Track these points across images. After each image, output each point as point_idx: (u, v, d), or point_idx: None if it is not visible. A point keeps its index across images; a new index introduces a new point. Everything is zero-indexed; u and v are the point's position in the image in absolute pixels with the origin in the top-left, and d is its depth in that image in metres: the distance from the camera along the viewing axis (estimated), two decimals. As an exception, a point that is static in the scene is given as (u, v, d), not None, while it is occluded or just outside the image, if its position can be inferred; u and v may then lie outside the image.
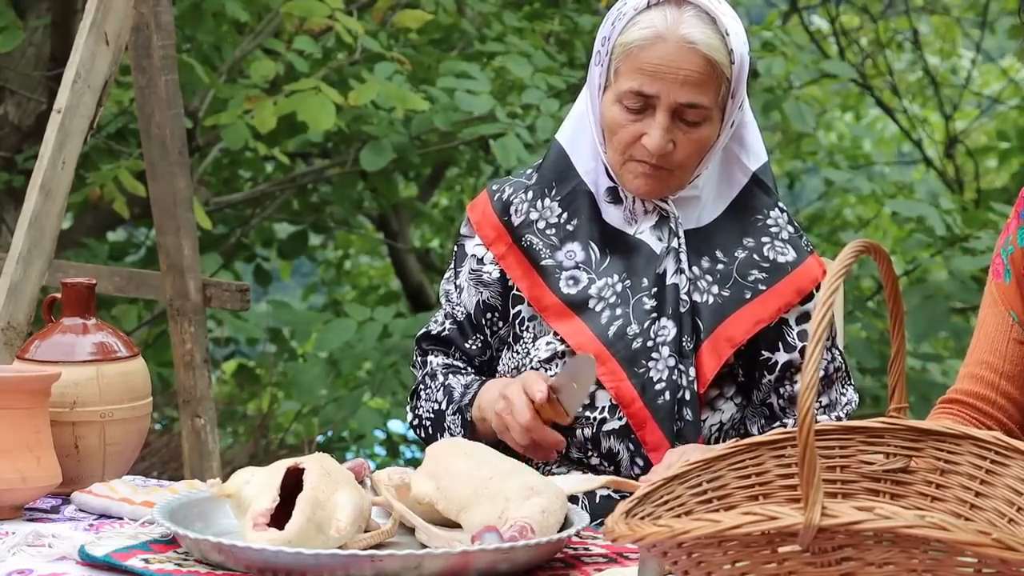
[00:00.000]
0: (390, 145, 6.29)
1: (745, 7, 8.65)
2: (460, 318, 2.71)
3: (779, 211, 2.66)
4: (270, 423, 7.95)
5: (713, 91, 2.53)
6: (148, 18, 4.31)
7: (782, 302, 2.60)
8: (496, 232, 2.67)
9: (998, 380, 2.61)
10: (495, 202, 2.69)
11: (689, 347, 2.56)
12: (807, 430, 1.58)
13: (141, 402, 2.61)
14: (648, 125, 2.53)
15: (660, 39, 2.51)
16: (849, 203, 9.38)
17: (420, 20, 6.15)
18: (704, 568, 1.65)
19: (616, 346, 2.58)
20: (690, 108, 2.53)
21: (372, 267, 10.04)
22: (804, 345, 2.60)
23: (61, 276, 3.50)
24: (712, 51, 2.51)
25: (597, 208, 2.64)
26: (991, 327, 2.63)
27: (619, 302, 2.59)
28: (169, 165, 4.43)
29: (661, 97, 2.52)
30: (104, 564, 2.12)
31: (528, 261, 2.63)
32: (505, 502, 2.20)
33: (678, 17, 2.51)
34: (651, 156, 2.54)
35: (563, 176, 2.66)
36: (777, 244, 2.63)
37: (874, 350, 6.70)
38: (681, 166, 2.57)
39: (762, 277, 2.61)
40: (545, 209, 2.65)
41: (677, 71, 2.51)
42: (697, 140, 2.56)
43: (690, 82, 2.51)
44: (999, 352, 2.62)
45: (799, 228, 2.68)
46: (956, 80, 9.92)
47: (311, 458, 2.20)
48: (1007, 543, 1.52)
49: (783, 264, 2.62)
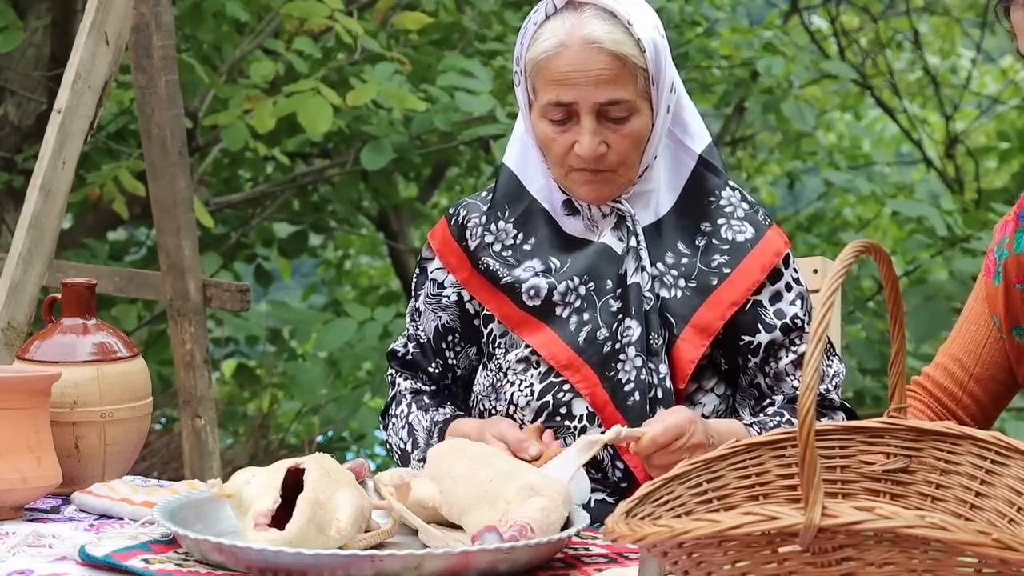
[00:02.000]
0: (390, 145, 6.29)
1: (745, 7, 8.65)
2: (423, 341, 2.73)
3: (731, 190, 2.65)
4: (270, 423, 7.96)
5: (630, 84, 2.52)
6: (148, 18, 4.31)
7: (750, 280, 2.59)
8: (457, 259, 2.68)
9: (967, 380, 2.63)
10: (452, 227, 2.70)
11: (658, 344, 2.55)
12: (807, 430, 1.58)
13: (141, 402, 2.61)
14: (577, 132, 2.53)
15: (564, 46, 2.51)
16: (849, 203, 9.38)
17: (420, 22, 6.15)
18: (704, 568, 1.65)
19: (587, 352, 2.57)
20: (611, 105, 2.52)
21: (372, 267, 10.04)
22: (784, 323, 2.60)
23: (61, 276, 3.51)
24: (617, 45, 2.50)
25: (554, 223, 2.64)
26: (973, 325, 2.63)
27: (585, 306, 2.59)
28: (169, 165, 4.44)
29: (579, 102, 2.52)
30: (104, 564, 2.12)
31: (489, 283, 2.64)
32: (505, 504, 2.20)
33: (577, 21, 2.51)
34: (587, 162, 2.54)
35: (515, 197, 2.66)
36: (734, 223, 2.62)
37: (874, 350, 6.70)
38: (622, 164, 2.56)
39: (724, 260, 2.59)
40: (500, 232, 2.66)
41: (587, 73, 2.50)
42: (629, 135, 2.54)
43: (603, 80, 2.50)
44: (974, 354, 2.63)
45: (754, 204, 2.66)
46: (956, 80, 9.92)
47: (311, 458, 2.20)
48: (1007, 543, 1.52)
49: (743, 243, 2.60)
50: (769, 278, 2.62)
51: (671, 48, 2.62)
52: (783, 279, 2.63)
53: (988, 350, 2.61)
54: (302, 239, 7.81)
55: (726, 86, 7.63)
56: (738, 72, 7.62)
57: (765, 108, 7.11)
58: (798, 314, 2.61)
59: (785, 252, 2.63)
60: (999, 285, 2.55)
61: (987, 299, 2.59)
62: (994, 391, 2.64)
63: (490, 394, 2.65)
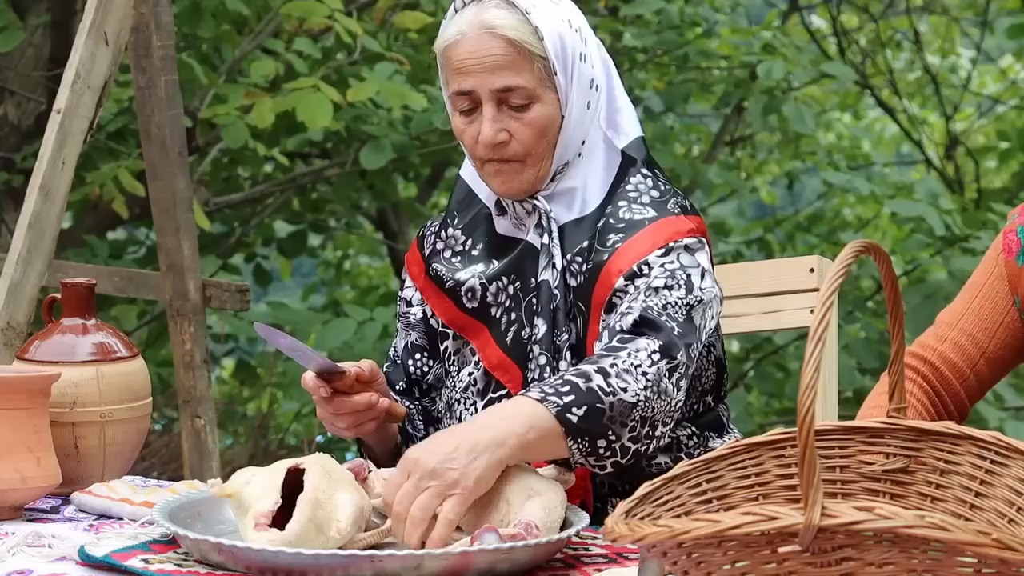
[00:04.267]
0: (390, 145, 6.30)
1: (745, 7, 8.65)
2: (396, 358, 2.74)
3: (642, 176, 2.59)
4: (270, 423, 7.96)
5: (526, 70, 2.50)
6: (148, 18, 4.31)
7: (638, 250, 2.49)
8: (418, 267, 2.70)
9: (979, 358, 2.60)
10: (418, 239, 2.73)
11: (561, 341, 2.52)
12: (807, 430, 1.58)
13: (141, 402, 2.62)
14: (481, 121, 2.54)
15: (463, 35, 2.52)
16: (848, 203, 9.38)
17: (420, 22, 6.15)
18: (704, 568, 1.65)
19: (514, 352, 2.56)
20: (508, 92, 2.50)
21: (372, 267, 10.04)
22: (632, 269, 2.48)
23: (61, 276, 3.51)
24: (510, 31, 2.50)
25: (493, 226, 2.64)
26: (988, 303, 2.60)
27: (513, 306, 2.58)
28: (169, 165, 4.44)
29: (478, 89, 2.51)
30: (104, 564, 2.12)
31: (437, 288, 2.64)
32: (507, 505, 2.20)
33: (479, 11, 2.52)
34: (490, 150, 2.53)
35: (466, 204, 2.66)
36: (635, 207, 2.55)
37: (874, 350, 6.70)
38: (528, 154, 2.53)
39: (619, 237, 2.52)
40: (449, 238, 2.66)
41: (482, 59, 2.50)
42: (531, 123, 2.52)
43: (498, 66, 2.50)
44: (988, 331, 2.60)
45: (670, 192, 2.58)
46: (956, 80, 9.92)
47: (311, 458, 2.20)
48: (1007, 543, 1.52)
49: (640, 220, 2.53)
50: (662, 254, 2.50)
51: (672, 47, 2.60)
52: (665, 247, 2.50)
53: (1004, 329, 2.59)
54: (301, 239, 7.81)
55: (725, 86, 7.64)
56: (737, 72, 7.63)
57: (765, 110, 7.11)
58: (648, 260, 2.48)
59: (689, 236, 2.52)
60: (1023, 266, 2.54)
61: (1008, 279, 2.57)
62: (999, 371, 2.62)
63: (446, 412, 2.66)
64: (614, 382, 2.31)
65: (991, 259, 2.61)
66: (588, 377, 2.31)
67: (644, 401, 2.33)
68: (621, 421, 2.31)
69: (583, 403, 2.28)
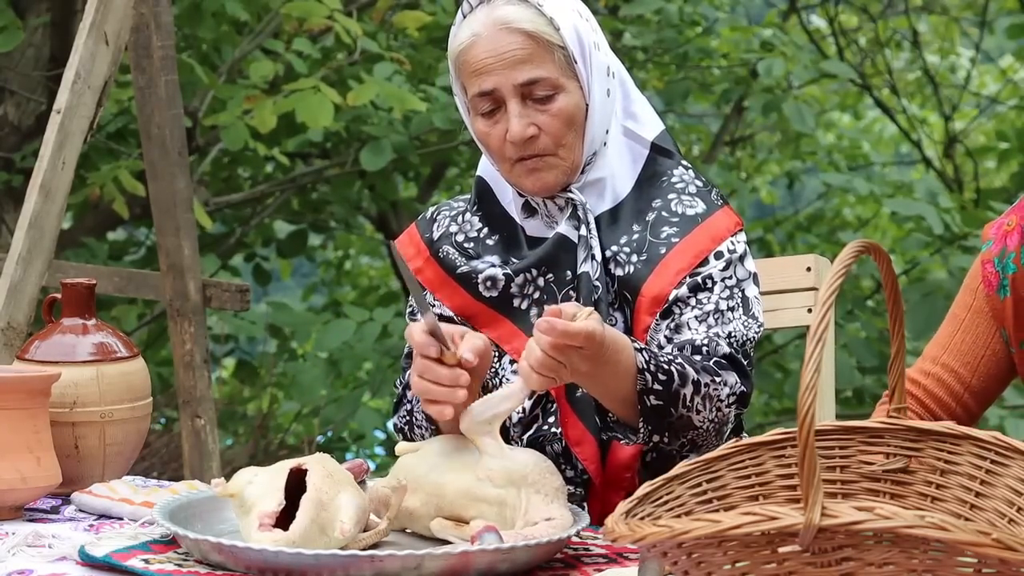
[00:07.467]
0: (390, 145, 6.29)
1: (744, 7, 8.65)
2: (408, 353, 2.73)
3: (683, 168, 2.63)
4: (270, 423, 7.96)
5: (548, 60, 2.51)
6: (148, 18, 4.31)
7: (697, 249, 2.55)
8: (415, 248, 2.68)
9: (963, 392, 2.60)
10: (420, 222, 2.71)
11: None
12: (807, 430, 1.58)
13: (141, 402, 2.62)
14: (507, 120, 2.53)
15: (477, 36, 2.52)
16: (848, 203, 9.38)
17: (419, 21, 6.16)
18: (704, 568, 1.65)
19: None
20: (532, 85, 2.50)
21: (372, 267, 10.04)
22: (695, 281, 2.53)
23: (61, 276, 3.50)
24: (526, 23, 2.50)
25: (518, 226, 2.62)
26: (970, 336, 2.60)
27: (545, 298, 2.56)
28: (169, 165, 4.44)
29: (500, 88, 2.51)
30: (104, 564, 2.12)
31: (444, 270, 2.63)
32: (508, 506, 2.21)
33: (489, 11, 2.52)
34: (521, 148, 2.52)
35: (488, 200, 2.66)
36: (684, 198, 2.59)
37: (874, 350, 6.70)
38: (559, 145, 2.54)
39: (674, 231, 2.56)
40: (466, 223, 2.66)
41: (501, 55, 2.50)
42: (558, 114, 2.52)
43: (518, 59, 2.50)
44: (971, 366, 2.60)
45: (708, 184, 2.64)
46: (955, 80, 9.92)
47: (313, 459, 2.20)
48: (1007, 543, 1.52)
49: (693, 215, 2.58)
50: (716, 255, 2.57)
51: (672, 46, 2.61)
52: (725, 257, 2.57)
53: (986, 362, 2.59)
54: (301, 239, 7.81)
55: (726, 85, 7.64)
56: (737, 71, 7.63)
57: (765, 109, 7.11)
58: (712, 274, 2.54)
59: (738, 231, 2.59)
60: (1006, 299, 2.53)
61: (991, 313, 2.56)
62: (986, 401, 2.63)
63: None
64: (696, 401, 2.40)
65: (970, 290, 2.60)
66: (684, 381, 2.39)
67: (704, 431, 2.44)
68: (675, 433, 2.41)
69: (662, 399, 2.37)
